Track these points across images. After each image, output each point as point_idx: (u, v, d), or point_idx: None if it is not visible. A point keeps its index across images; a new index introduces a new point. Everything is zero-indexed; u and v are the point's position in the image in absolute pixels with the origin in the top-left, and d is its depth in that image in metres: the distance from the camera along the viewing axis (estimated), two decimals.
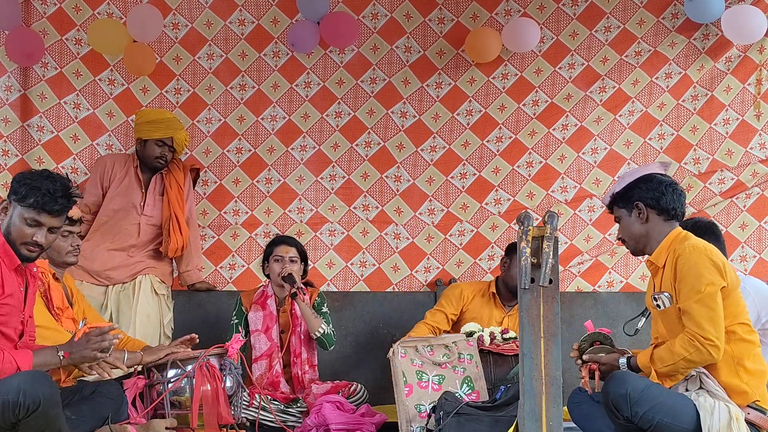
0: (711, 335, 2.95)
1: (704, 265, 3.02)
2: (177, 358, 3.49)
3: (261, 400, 3.94)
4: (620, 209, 3.28)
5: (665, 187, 3.21)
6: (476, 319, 4.43)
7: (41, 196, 2.96)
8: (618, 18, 5.32)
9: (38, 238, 2.99)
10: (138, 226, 4.76)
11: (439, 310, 4.56)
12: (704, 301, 2.98)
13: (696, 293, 2.99)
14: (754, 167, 5.23)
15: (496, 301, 4.52)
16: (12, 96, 5.05)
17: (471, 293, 4.56)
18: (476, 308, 4.51)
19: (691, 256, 3.05)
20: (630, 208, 3.24)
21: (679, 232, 3.20)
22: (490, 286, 4.57)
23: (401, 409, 3.70)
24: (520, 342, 2.96)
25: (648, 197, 3.20)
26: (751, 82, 5.25)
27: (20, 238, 2.99)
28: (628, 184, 3.24)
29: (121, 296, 4.65)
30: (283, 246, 4.51)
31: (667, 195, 3.20)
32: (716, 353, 2.97)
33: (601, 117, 5.32)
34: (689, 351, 2.97)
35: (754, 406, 3.02)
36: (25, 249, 3.00)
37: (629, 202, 3.23)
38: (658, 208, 3.20)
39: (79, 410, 3.16)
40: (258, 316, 4.43)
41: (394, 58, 5.36)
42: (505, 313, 4.52)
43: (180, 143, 4.84)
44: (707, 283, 2.99)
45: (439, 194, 5.35)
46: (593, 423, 3.28)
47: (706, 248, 3.08)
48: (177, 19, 5.26)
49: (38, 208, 2.97)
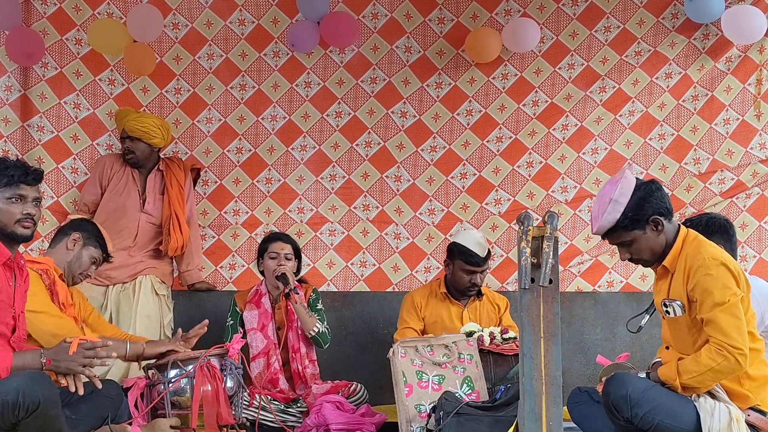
0: (739, 343, 2.92)
1: (727, 276, 2.99)
2: (178, 358, 3.50)
3: (261, 400, 3.94)
4: (631, 231, 3.09)
5: (656, 191, 3.11)
6: (437, 321, 4.39)
7: (12, 172, 3.00)
8: (618, 18, 5.32)
9: (29, 210, 3.01)
10: (137, 224, 4.76)
11: (407, 328, 4.41)
12: (730, 310, 2.95)
13: (721, 303, 2.95)
14: (754, 167, 5.22)
15: (450, 299, 4.46)
16: (12, 96, 5.05)
17: (423, 298, 4.47)
18: (433, 311, 4.43)
19: (712, 269, 2.99)
20: (643, 225, 3.09)
21: (687, 233, 3.16)
22: (440, 286, 4.49)
23: (401, 409, 3.69)
24: (520, 342, 2.96)
25: (659, 208, 3.09)
26: (751, 82, 5.25)
27: (11, 219, 2.99)
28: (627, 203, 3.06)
29: (121, 296, 4.65)
30: (278, 243, 4.48)
31: (664, 198, 3.12)
32: (744, 361, 2.93)
33: (601, 117, 5.32)
34: (717, 361, 2.92)
35: (755, 408, 3.02)
36: (20, 227, 3.00)
37: (643, 220, 3.08)
38: (666, 214, 3.12)
39: (79, 410, 3.16)
40: (253, 315, 4.42)
41: (394, 58, 5.36)
42: (463, 307, 4.45)
43: (134, 129, 4.74)
44: (732, 293, 2.96)
45: (440, 194, 5.35)
46: (593, 423, 3.28)
47: (723, 258, 3.04)
48: (177, 19, 5.26)
49: (15, 182, 2.99)
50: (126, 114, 4.83)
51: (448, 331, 4.28)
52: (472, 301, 4.48)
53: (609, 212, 3.07)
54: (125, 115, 4.83)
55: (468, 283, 4.39)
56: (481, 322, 4.36)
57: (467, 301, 4.48)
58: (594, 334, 5.14)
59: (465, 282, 4.39)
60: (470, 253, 4.34)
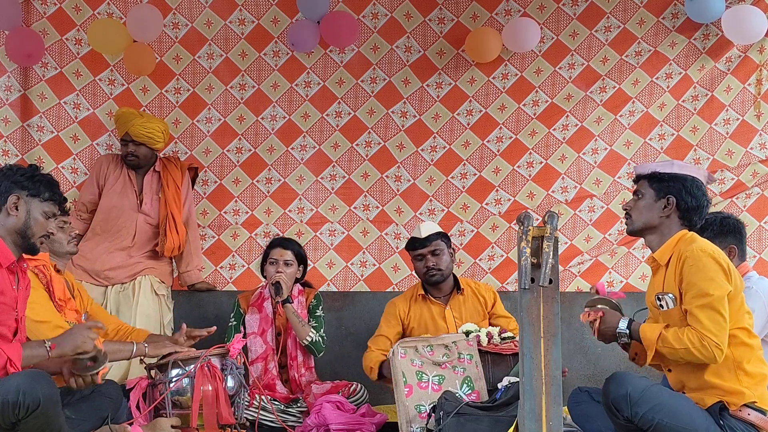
0: (718, 339, 2.94)
1: (714, 269, 3.00)
2: (179, 358, 3.50)
3: (261, 400, 3.94)
4: (650, 188, 3.19)
5: (705, 200, 3.18)
6: (421, 325, 4.34)
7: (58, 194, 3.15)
8: (618, 18, 5.32)
9: (52, 229, 3.13)
10: (135, 224, 4.76)
11: (380, 335, 4.36)
12: (713, 305, 2.96)
13: (704, 297, 2.97)
14: (754, 167, 5.23)
15: (430, 299, 4.43)
16: (12, 96, 5.06)
17: (405, 305, 4.41)
18: (416, 314, 4.38)
19: (700, 260, 3.01)
20: (660, 194, 3.17)
21: (686, 233, 3.17)
22: (418, 288, 4.44)
23: (401, 410, 3.69)
24: (520, 342, 2.96)
25: (685, 200, 3.15)
26: (751, 82, 5.25)
27: (41, 232, 3.09)
28: (674, 175, 3.16)
29: (120, 297, 4.65)
30: (278, 249, 4.46)
31: (701, 209, 3.17)
32: (719, 356, 2.95)
33: (601, 117, 5.32)
34: (695, 345, 2.95)
35: (754, 407, 3.01)
36: (39, 241, 3.10)
37: (664, 189, 3.16)
38: (686, 213, 3.16)
39: (79, 410, 3.16)
40: (254, 319, 4.41)
41: (395, 58, 5.36)
42: (444, 305, 4.38)
43: (139, 134, 4.71)
44: (716, 287, 2.97)
45: (440, 194, 5.35)
46: (593, 423, 3.28)
47: (713, 251, 3.05)
48: (177, 18, 5.26)
49: (57, 201, 3.14)
50: (130, 118, 4.74)
51: (433, 332, 4.25)
52: (454, 296, 4.39)
53: (660, 166, 3.22)
54: (129, 119, 4.73)
55: (423, 269, 4.32)
56: (467, 317, 4.32)
57: (448, 298, 4.40)
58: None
59: (421, 269, 4.34)
60: (410, 240, 4.36)
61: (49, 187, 3.11)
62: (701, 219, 3.20)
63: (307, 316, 4.44)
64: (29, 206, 3.06)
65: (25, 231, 3.05)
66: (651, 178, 3.20)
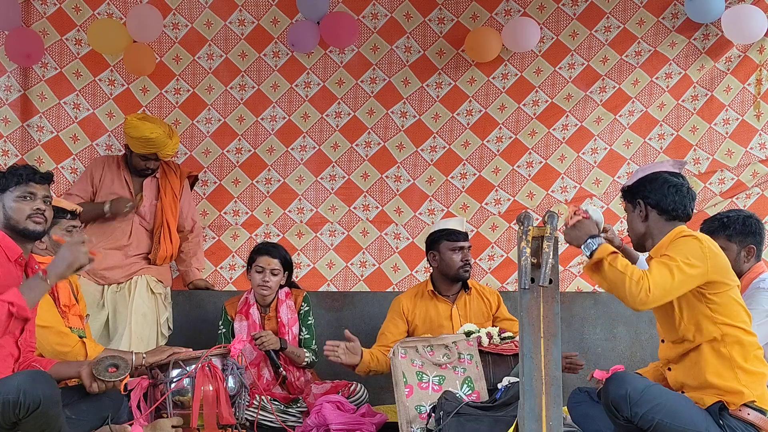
0: (654, 288, 2.92)
1: (692, 247, 3.02)
2: (180, 358, 3.50)
3: (261, 401, 3.94)
4: (627, 203, 3.28)
5: (668, 188, 3.17)
6: (426, 322, 4.33)
7: (21, 172, 3.10)
8: (618, 18, 5.33)
9: (39, 206, 3.09)
10: (130, 225, 4.74)
11: (384, 334, 4.36)
12: (669, 265, 2.96)
13: (669, 258, 2.99)
14: (754, 167, 5.23)
15: (437, 297, 4.41)
16: (12, 96, 5.06)
17: (410, 301, 4.39)
18: (421, 311, 4.36)
19: (682, 238, 3.06)
20: (633, 204, 3.23)
21: (682, 230, 3.17)
22: (427, 285, 4.42)
23: (401, 410, 3.69)
24: (520, 342, 2.96)
25: (650, 197, 3.18)
26: (751, 82, 5.25)
27: (22, 215, 3.07)
28: (636, 180, 3.23)
29: (117, 296, 4.63)
30: (265, 257, 4.34)
31: (668, 196, 3.16)
32: (644, 300, 2.92)
33: (601, 117, 5.32)
34: (633, 279, 2.93)
35: (754, 407, 3.01)
36: (31, 222, 3.08)
37: (633, 198, 3.23)
38: (658, 208, 3.18)
39: (79, 410, 3.16)
40: (242, 326, 4.35)
41: (394, 58, 5.36)
42: (452, 304, 4.36)
43: (166, 156, 4.77)
44: (684, 258, 2.97)
45: (440, 194, 5.35)
46: (593, 423, 3.28)
47: (701, 237, 3.08)
48: (177, 19, 5.26)
49: (24, 181, 3.09)
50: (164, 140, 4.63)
51: (437, 331, 4.25)
52: (461, 296, 4.38)
53: (627, 181, 3.27)
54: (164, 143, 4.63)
55: (461, 262, 4.28)
56: (472, 318, 4.32)
57: (455, 296, 4.39)
58: (594, 334, 5.14)
59: (457, 261, 4.28)
60: (451, 230, 4.31)
61: (12, 176, 3.09)
62: (684, 206, 3.18)
63: (297, 320, 4.40)
64: (2, 201, 3.09)
65: (10, 223, 3.07)
66: (623, 195, 3.30)
